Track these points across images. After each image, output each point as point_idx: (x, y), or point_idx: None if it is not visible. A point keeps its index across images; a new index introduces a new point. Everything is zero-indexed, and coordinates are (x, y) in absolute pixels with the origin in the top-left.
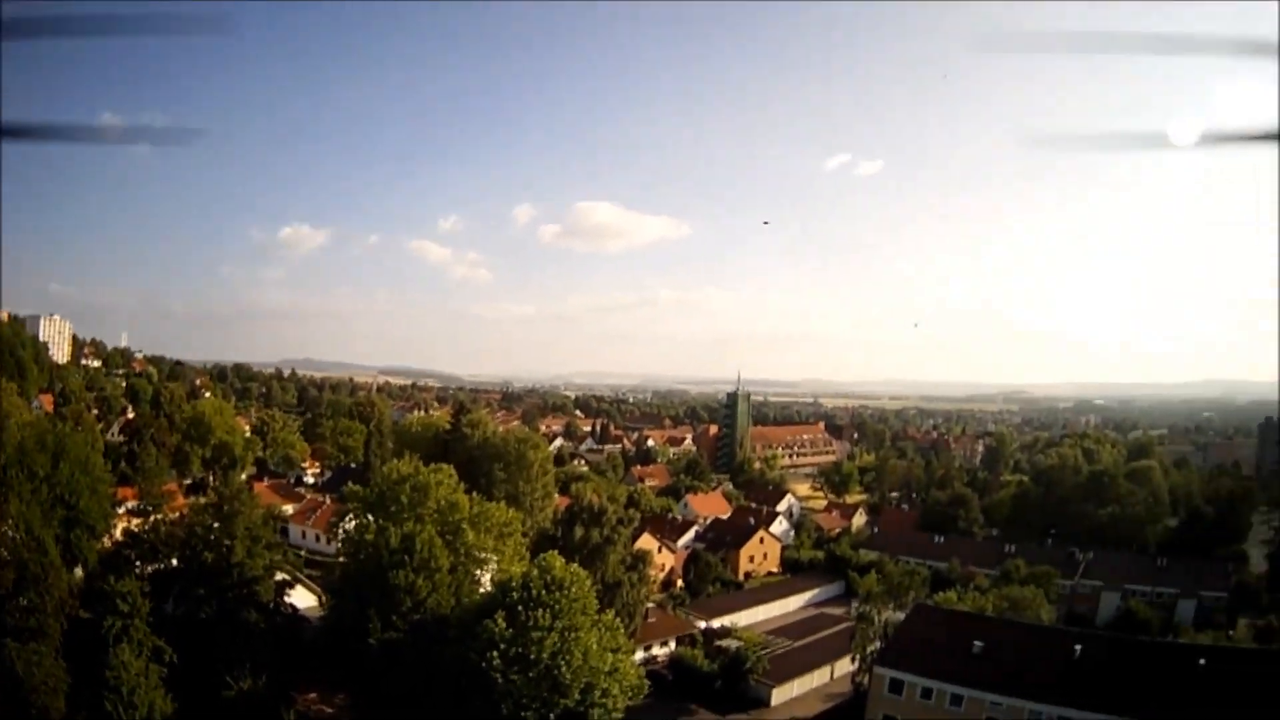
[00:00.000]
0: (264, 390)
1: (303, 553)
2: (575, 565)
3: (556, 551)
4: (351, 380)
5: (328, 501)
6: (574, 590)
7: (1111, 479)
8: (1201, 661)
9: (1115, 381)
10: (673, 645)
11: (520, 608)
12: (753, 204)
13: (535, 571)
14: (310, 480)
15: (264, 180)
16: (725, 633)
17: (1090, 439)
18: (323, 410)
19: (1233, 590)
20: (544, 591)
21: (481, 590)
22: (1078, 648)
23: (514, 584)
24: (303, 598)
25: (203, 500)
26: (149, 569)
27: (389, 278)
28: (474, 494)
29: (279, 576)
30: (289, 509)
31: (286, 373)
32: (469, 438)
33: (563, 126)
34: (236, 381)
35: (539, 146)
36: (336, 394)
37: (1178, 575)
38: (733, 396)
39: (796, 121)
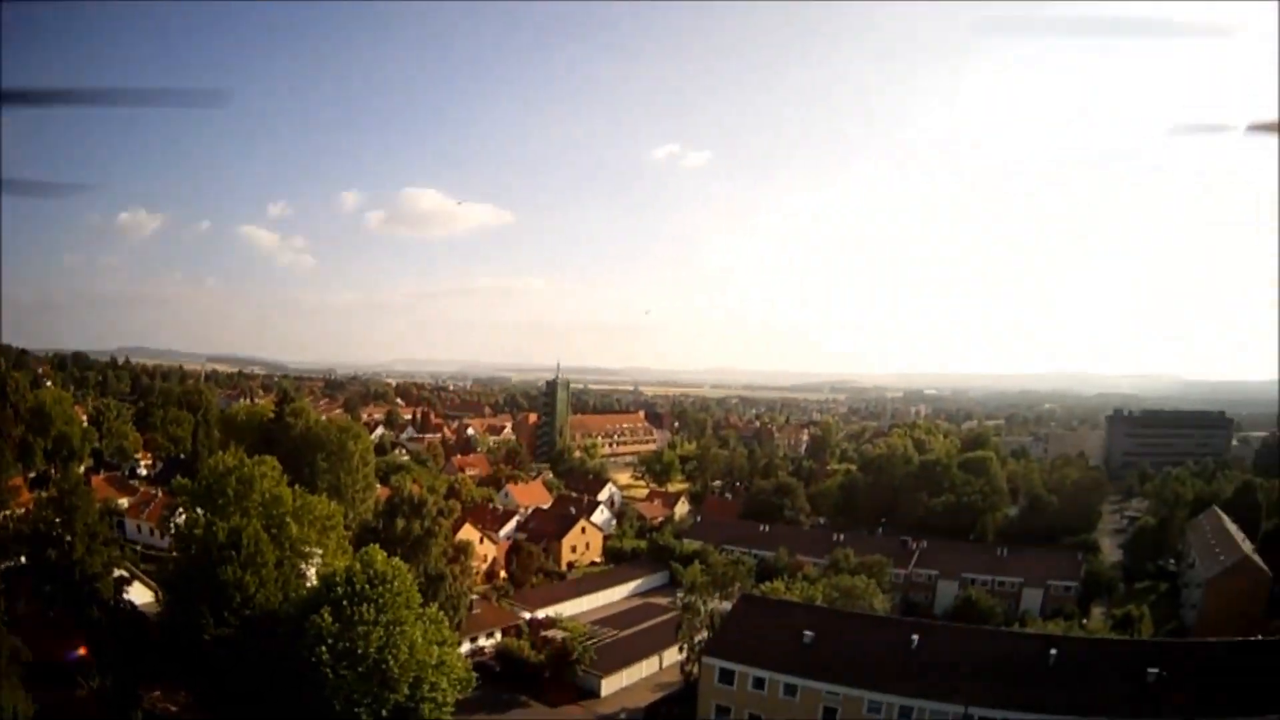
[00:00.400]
0: (101, 379)
1: (139, 547)
2: (397, 559)
3: (378, 545)
4: (181, 368)
5: (160, 494)
6: (396, 584)
7: (944, 469)
8: (1053, 651)
9: (948, 372)
10: (499, 636)
11: (345, 603)
12: (577, 192)
13: (358, 565)
14: (144, 472)
15: (105, 162)
16: (551, 623)
17: (921, 429)
18: (154, 400)
19: (1084, 579)
20: (367, 586)
21: (308, 584)
22: (915, 637)
23: (338, 578)
24: (141, 594)
25: (44, 495)
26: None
27: (219, 264)
28: (296, 486)
29: (116, 573)
30: (124, 502)
31: (121, 361)
32: (292, 427)
33: (392, 112)
34: (75, 370)
35: (367, 131)
36: (168, 382)
37: (1021, 565)
38: (552, 385)
39: (625, 111)
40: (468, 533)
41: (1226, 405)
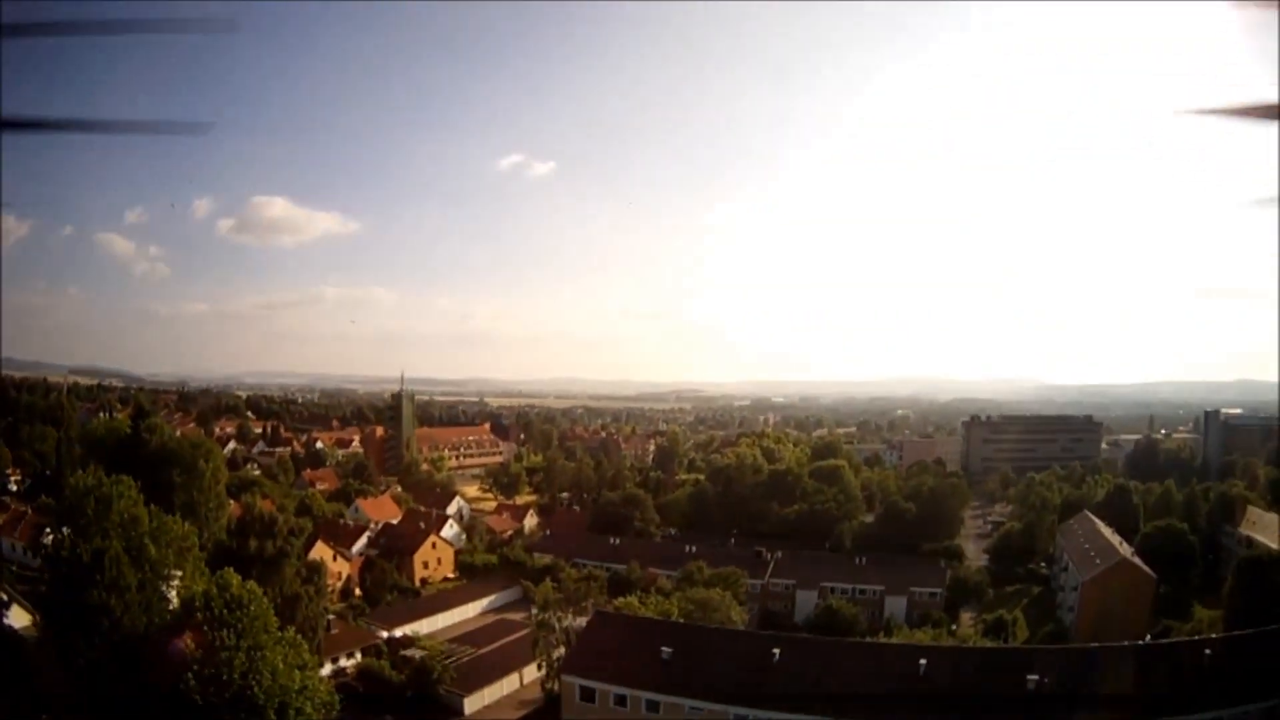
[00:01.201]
0: None
1: (14, 567)
2: (252, 582)
3: (233, 565)
4: (45, 380)
5: (29, 512)
6: (254, 608)
7: (795, 478)
8: (923, 661)
9: (797, 380)
10: (359, 656)
11: (205, 628)
12: (422, 202)
13: (214, 590)
14: (14, 488)
15: None
16: (409, 642)
17: (770, 438)
18: (21, 414)
19: (950, 585)
20: (225, 610)
21: (170, 607)
22: (775, 650)
23: (197, 603)
24: (19, 617)
25: None
26: None
27: (79, 272)
28: (152, 506)
29: None
30: None
31: None
32: (148, 443)
33: (242, 116)
34: None
35: (218, 135)
36: (34, 395)
37: (882, 572)
38: (398, 397)
39: (470, 120)
40: (321, 550)
41: (1094, 409)
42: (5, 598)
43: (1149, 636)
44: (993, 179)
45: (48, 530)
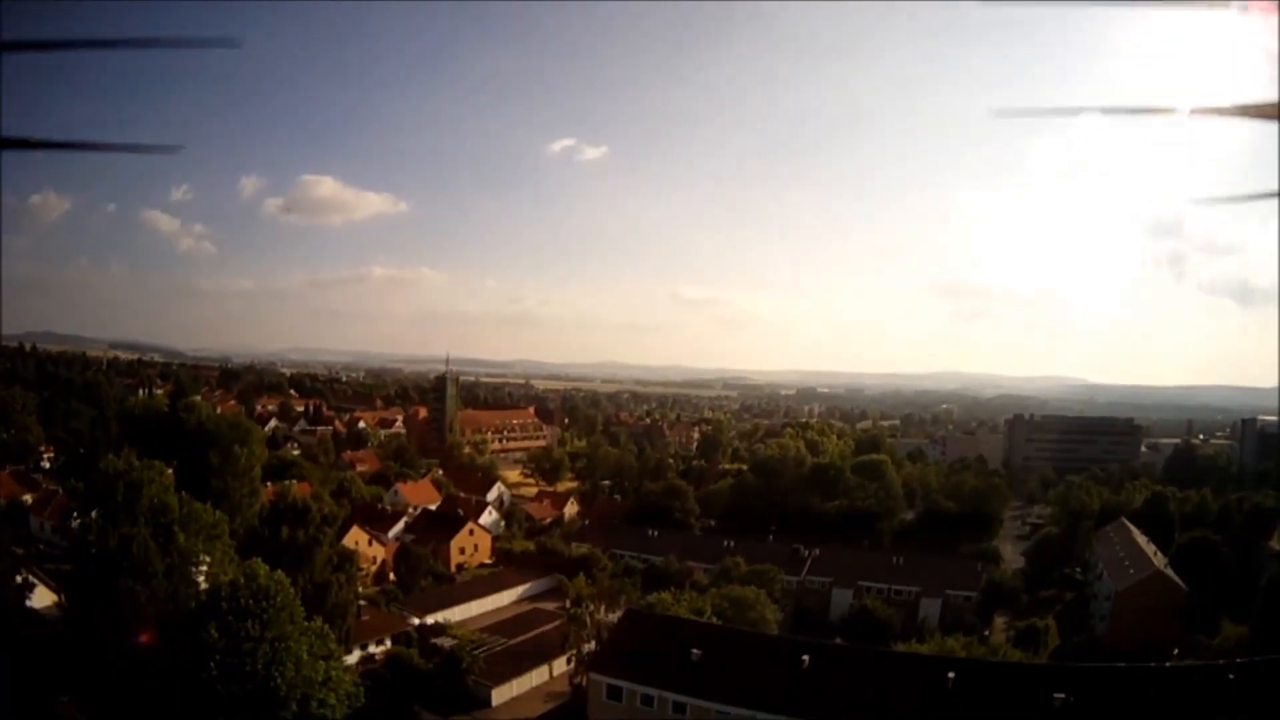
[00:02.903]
0: (10, 367)
1: (42, 546)
2: (279, 572)
3: (264, 552)
4: (84, 355)
5: (60, 492)
6: (280, 599)
7: (838, 472)
8: (951, 675)
9: (843, 370)
10: (389, 644)
11: (230, 618)
12: (474, 184)
13: (242, 580)
14: (47, 465)
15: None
16: (440, 630)
17: (814, 429)
18: (58, 389)
19: (985, 588)
20: (251, 601)
21: (198, 594)
22: (805, 658)
23: (223, 593)
24: (43, 597)
25: None
26: None
27: (123, 248)
28: (183, 493)
29: (18, 579)
30: (29, 498)
31: (28, 347)
32: (186, 422)
33: (293, 95)
34: None
35: (271, 115)
36: (71, 370)
37: (918, 572)
38: (442, 379)
39: (522, 104)
40: (356, 535)
41: (1134, 410)
42: (32, 580)
43: (1177, 651)
44: (1039, 178)
45: (75, 514)
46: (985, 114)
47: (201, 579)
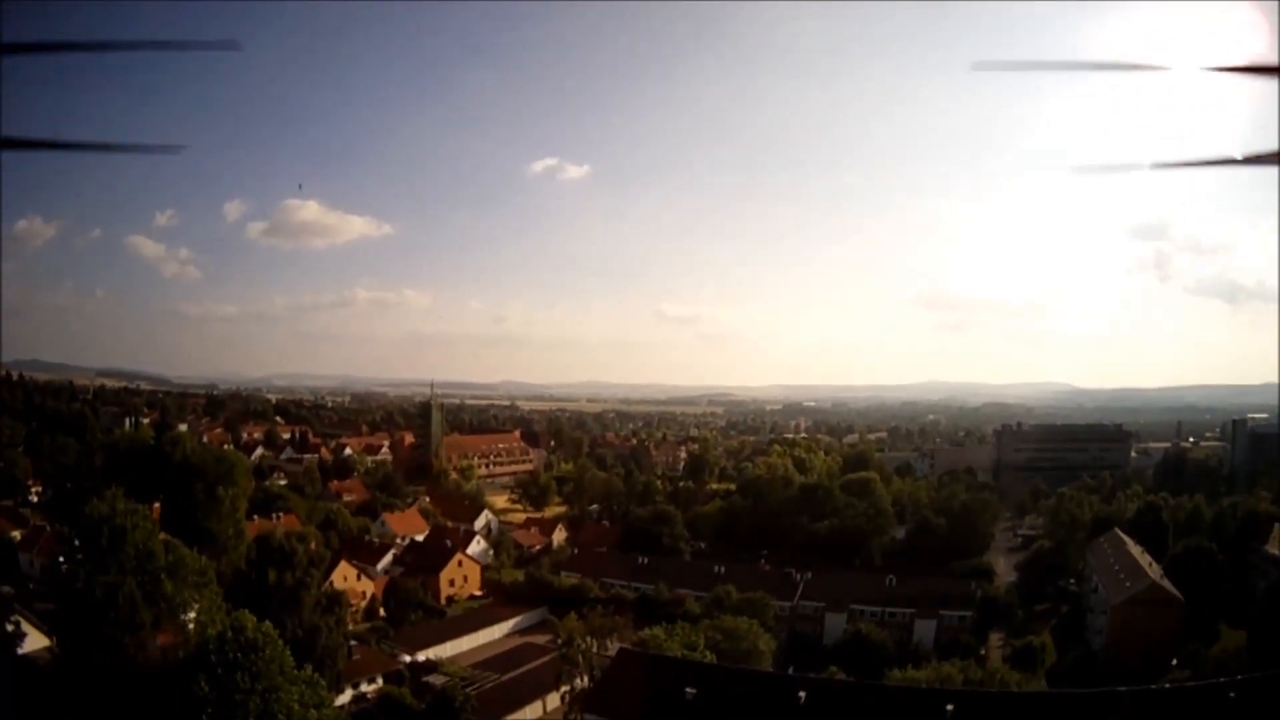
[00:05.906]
0: None
1: (31, 585)
2: (267, 624)
3: (251, 597)
4: (71, 384)
5: (48, 528)
6: (269, 651)
7: (826, 491)
8: (949, 708)
9: (828, 384)
10: (380, 682)
11: (219, 670)
12: (455, 205)
13: (229, 634)
14: (35, 499)
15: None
16: (431, 667)
17: (801, 446)
18: (45, 420)
19: (980, 606)
20: (239, 654)
21: (186, 644)
22: (801, 694)
23: (211, 645)
24: (35, 640)
25: None
26: None
27: (107, 274)
28: (170, 539)
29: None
30: (17, 535)
31: (15, 376)
32: (171, 455)
33: (274, 119)
34: None
35: (250, 141)
36: (59, 400)
37: (911, 593)
38: (427, 405)
39: (504, 124)
40: (344, 570)
41: (1122, 413)
42: (22, 629)
43: (1175, 661)
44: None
45: (62, 560)
46: (965, 84)
47: (191, 625)
